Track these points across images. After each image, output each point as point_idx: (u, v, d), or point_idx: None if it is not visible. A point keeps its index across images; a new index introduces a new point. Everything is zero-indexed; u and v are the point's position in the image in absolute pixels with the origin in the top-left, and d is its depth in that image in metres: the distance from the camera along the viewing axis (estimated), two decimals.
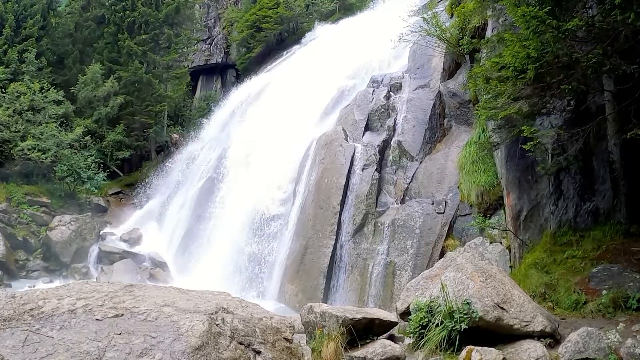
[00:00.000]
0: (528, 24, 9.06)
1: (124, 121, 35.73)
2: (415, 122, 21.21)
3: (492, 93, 11.65)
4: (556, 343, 7.76)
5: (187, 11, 41.13)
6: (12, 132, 28.71)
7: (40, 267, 25.07)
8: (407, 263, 17.76)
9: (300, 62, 31.94)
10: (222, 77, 47.69)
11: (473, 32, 18.37)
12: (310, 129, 24.18)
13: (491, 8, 14.16)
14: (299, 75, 28.85)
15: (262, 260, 21.91)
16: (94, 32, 38.64)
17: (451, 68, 21.64)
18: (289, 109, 25.97)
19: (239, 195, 24.47)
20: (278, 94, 28.24)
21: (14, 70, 31.93)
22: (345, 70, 27.07)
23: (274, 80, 30.97)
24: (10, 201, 26.97)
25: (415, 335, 7.85)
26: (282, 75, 31.35)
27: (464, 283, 7.95)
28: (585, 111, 11.60)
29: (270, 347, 6.17)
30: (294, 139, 23.88)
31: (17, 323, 5.32)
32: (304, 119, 25.07)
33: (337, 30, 34.43)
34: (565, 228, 12.36)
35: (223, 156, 27.98)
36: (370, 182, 19.99)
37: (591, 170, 12.17)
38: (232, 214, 24.07)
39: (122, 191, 35.24)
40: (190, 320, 5.63)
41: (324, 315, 8.00)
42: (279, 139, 24.71)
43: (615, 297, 9.15)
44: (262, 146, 25.43)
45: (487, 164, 17.08)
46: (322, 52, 30.71)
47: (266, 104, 28.35)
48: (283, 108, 26.38)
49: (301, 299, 18.59)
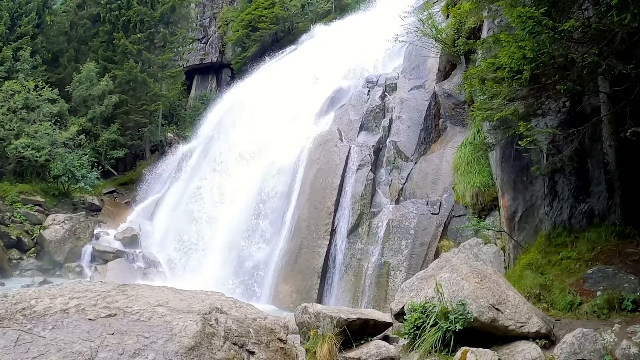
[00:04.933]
0: (524, 25, 9.04)
1: (119, 120, 35.68)
2: (411, 123, 21.21)
3: (487, 94, 11.64)
4: (551, 344, 7.74)
5: (183, 10, 41.12)
6: (6, 130, 28.61)
7: (34, 266, 24.97)
8: (401, 264, 17.76)
9: (296, 61, 31.90)
10: (217, 77, 47.66)
11: (469, 33, 18.40)
12: (305, 129, 24.14)
13: (487, 9, 14.15)
14: (294, 75, 28.82)
15: (255, 260, 21.85)
16: (89, 30, 38.54)
17: (446, 69, 21.68)
18: (284, 109, 25.94)
19: (232, 195, 24.43)
20: (273, 94, 28.18)
21: (8, 68, 31.82)
22: (341, 70, 27.06)
23: (269, 80, 30.90)
24: (4, 200, 26.88)
25: (410, 336, 7.81)
26: (277, 75, 31.29)
27: (459, 284, 7.93)
28: (581, 112, 11.61)
29: (264, 348, 6.14)
30: (289, 139, 23.84)
31: (9, 323, 5.26)
32: (299, 119, 25.05)
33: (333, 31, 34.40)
34: (560, 229, 12.36)
35: (217, 156, 27.91)
36: (364, 183, 19.98)
37: (586, 171, 12.18)
38: (226, 214, 24.01)
39: (116, 190, 35.13)
40: (183, 321, 5.59)
41: (318, 316, 7.96)
42: (274, 139, 24.67)
43: (610, 299, 9.16)
44: (256, 146, 25.39)
45: (482, 165, 17.12)
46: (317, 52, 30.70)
47: (261, 104, 28.29)
48: (278, 108, 26.34)
49: (295, 299, 18.56)
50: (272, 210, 22.63)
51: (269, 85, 29.85)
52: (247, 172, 24.58)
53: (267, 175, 23.55)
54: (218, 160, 27.58)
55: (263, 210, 22.81)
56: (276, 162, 23.64)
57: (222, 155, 27.58)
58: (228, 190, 25.17)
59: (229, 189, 25.16)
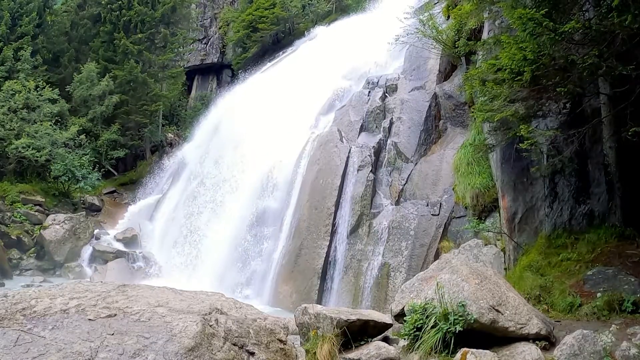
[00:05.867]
0: (525, 26, 9.05)
1: (119, 120, 35.67)
2: (411, 124, 21.21)
3: (488, 95, 11.65)
4: (551, 346, 7.74)
5: (183, 10, 41.12)
6: (7, 130, 28.62)
7: (34, 266, 24.97)
8: (401, 265, 17.74)
9: (296, 62, 31.89)
10: (217, 77, 47.66)
11: (469, 34, 18.39)
12: (306, 129, 24.15)
13: (488, 10, 14.16)
14: (294, 75, 28.80)
15: (256, 261, 21.84)
16: (89, 30, 38.51)
17: (447, 70, 21.68)
18: (285, 110, 25.91)
19: (233, 196, 24.42)
20: (274, 94, 28.17)
21: (9, 68, 31.80)
22: (341, 71, 27.04)
23: (269, 81, 30.89)
24: (4, 200, 26.88)
25: (410, 337, 7.80)
26: (278, 75, 31.28)
27: (459, 285, 7.92)
28: (581, 114, 11.61)
29: (264, 349, 6.13)
30: (289, 140, 23.83)
31: (9, 323, 5.26)
32: (300, 119, 25.03)
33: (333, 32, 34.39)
34: (560, 230, 12.37)
35: (218, 156, 27.88)
36: (365, 184, 19.98)
37: (586, 173, 12.19)
38: (226, 215, 24.00)
39: (116, 191, 35.14)
40: (183, 321, 5.59)
41: (318, 317, 7.96)
42: (274, 139, 24.65)
43: (610, 300, 9.16)
44: (257, 146, 25.35)
45: (482, 166, 17.11)
46: (318, 53, 30.68)
47: (261, 104, 28.28)
48: (278, 109, 26.31)
49: (295, 300, 18.55)
50: (272, 211, 22.60)
51: (270, 86, 29.83)
52: (248, 173, 24.56)
53: (267, 176, 23.53)
54: (218, 161, 27.54)
55: (263, 211, 22.79)
56: (276, 163, 23.61)
57: (222, 156, 27.55)
58: (228, 191, 25.15)
59: (229, 190, 25.14)
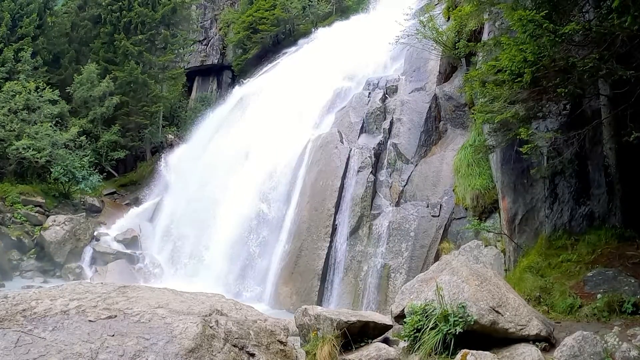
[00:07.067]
0: (525, 28, 9.05)
1: (120, 121, 35.64)
2: (411, 125, 21.20)
3: (488, 96, 11.66)
4: (551, 347, 7.74)
5: (184, 12, 41.16)
6: (7, 131, 28.57)
7: (34, 267, 24.91)
8: (401, 266, 17.75)
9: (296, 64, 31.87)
10: (218, 79, 47.63)
11: (469, 36, 18.39)
12: (306, 131, 24.14)
13: (488, 12, 14.16)
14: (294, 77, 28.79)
15: (256, 262, 21.84)
16: (90, 31, 38.50)
17: (447, 71, 21.68)
18: (285, 111, 25.91)
19: (233, 197, 24.38)
20: (274, 96, 28.17)
21: (9, 69, 31.76)
22: (341, 72, 27.03)
23: (269, 83, 30.89)
24: (4, 201, 26.85)
25: (410, 339, 7.80)
26: (278, 77, 31.27)
27: (459, 286, 7.92)
28: (581, 115, 11.62)
29: (264, 350, 6.14)
30: (290, 141, 23.83)
31: (10, 324, 5.27)
32: (300, 121, 25.03)
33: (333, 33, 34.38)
34: (560, 232, 12.37)
35: (218, 158, 27.87)
36: (365, 185, 19.98)
37: (586, 174, 12.19)
38: (226, 216, 23.98)
39: (116, 192, 35.13)
40: (183, 323, 5.59)
41: (318, 318, 7.96)
42: (275, 140, 24.64)
43: (610, 301, 9.15)
44: (257, 148, 25.35)
45: (482, 167, 17.11)
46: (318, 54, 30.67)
47: (262, 106, 28.27)
48: (279, 110, 26.31)
49: (295, 301, 18.56)
50: (272, 212, 22.60)
51: (270, 87, 29.84)
52: (248, 174, 24.54)
53: (267, 177, 23.53)
54: (218, 162, 27.52)
55: (264, 212, 22.78)
56: (277, 164, 23.61)
57: (222, 157, 27.52)
58: (228, 192, 25.12)
59: (229, 191, 25.11)
